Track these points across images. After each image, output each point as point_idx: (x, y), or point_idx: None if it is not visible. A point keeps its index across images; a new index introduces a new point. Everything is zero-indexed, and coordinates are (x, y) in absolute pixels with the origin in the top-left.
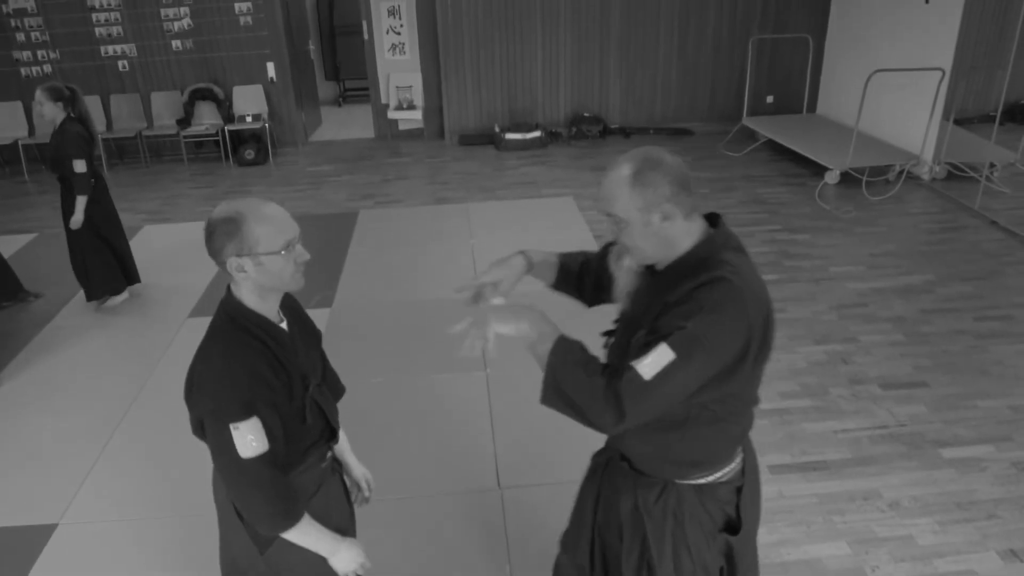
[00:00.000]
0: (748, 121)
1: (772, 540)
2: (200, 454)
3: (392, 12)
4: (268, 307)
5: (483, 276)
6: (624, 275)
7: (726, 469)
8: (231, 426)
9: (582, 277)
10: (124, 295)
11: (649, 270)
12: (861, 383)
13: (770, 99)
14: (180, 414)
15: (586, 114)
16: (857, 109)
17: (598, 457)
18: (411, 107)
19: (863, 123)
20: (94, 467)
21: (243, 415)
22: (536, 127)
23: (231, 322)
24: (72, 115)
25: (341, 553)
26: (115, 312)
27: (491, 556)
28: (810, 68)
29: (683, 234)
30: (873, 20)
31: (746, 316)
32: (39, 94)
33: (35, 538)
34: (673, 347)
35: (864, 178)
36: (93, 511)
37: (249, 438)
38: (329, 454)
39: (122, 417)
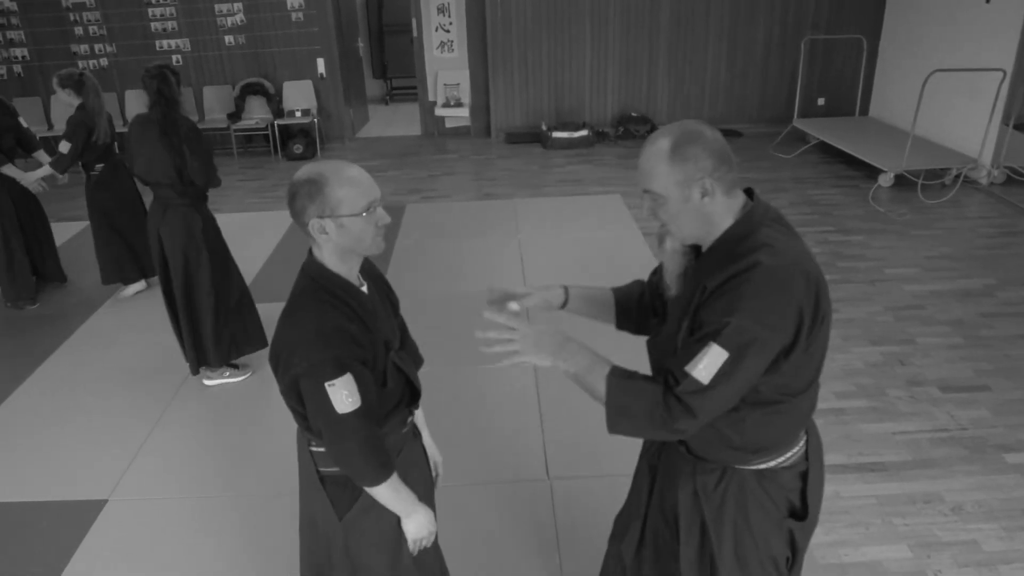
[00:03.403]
0: (799, 123)
1: (829, 540)
2: (249, 434)
3: (441, 10)
4: (348, 269)
5: (519, 290)
6: (669, 259)
7: (789, 453)
8: (326, 384)
9: (643, 308)
10: (139, 285)
11: (695, 250)
12: (919, 385)
13: (821, 101)
14: (230, 396)
15: (633, 114)
16: (912, 111)
17: (648, 449)
18: (458, 104)
19: (918, 125)
20: (144, 445)
21: (337, 372)
22: (583, 126)
23: (313, 283)
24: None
25: (418, 516)
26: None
27: (540, 545)
28: (863, 69)
29: (724, 211)
30: (930, 20)
31: (792, 298)
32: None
33: (85, 513)
34: (724, 346)
35: (919, 181)
36: (142, 488)
37: (344, 394)
38: (410, 419)
39: (172, 397)
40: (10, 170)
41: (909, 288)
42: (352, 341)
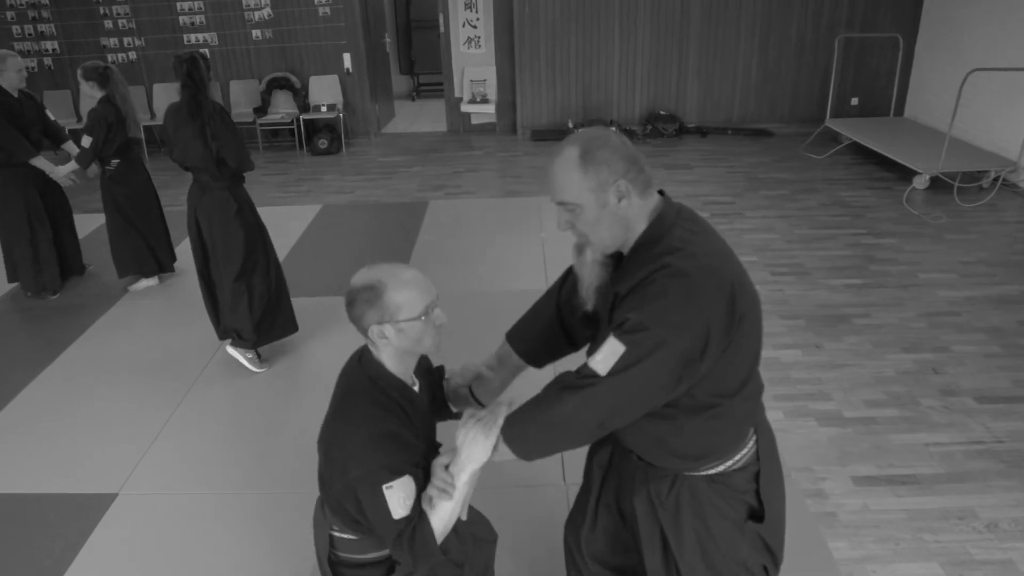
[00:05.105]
0: (832, 123)
1: (857, 556)
2: (263, 430)
3: (469, 5)
4: (405, 369)
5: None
6: (589, 271)
7: (737, 456)
8: (384, 487)
9: (559, 335)
10: (152, 281)
11: (614, 259)
12: (954, 395)
13: (855, 101)
14: (245, 391)
15: (662, 112)
16: (949, 111)
17: (598, 450)
18: (484, 101)
19: (955, 126)
20: (156, 441)
21: (392, 476)
22: (610, 124)
23: (373, 384)
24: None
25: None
26: (183, 290)
27: (555, 551)
28: (899, 68)
29: (639, 214)
30: (970, 18)
31: (698, 301)
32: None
33: (95, 506)
34: (621, 340)
35: (956, 184)
36: (152, 483)
37: (401, 496)
38: None
39: (186, 393)
40: (39, 162)
41: (944, 294)
42: (409, 447)
